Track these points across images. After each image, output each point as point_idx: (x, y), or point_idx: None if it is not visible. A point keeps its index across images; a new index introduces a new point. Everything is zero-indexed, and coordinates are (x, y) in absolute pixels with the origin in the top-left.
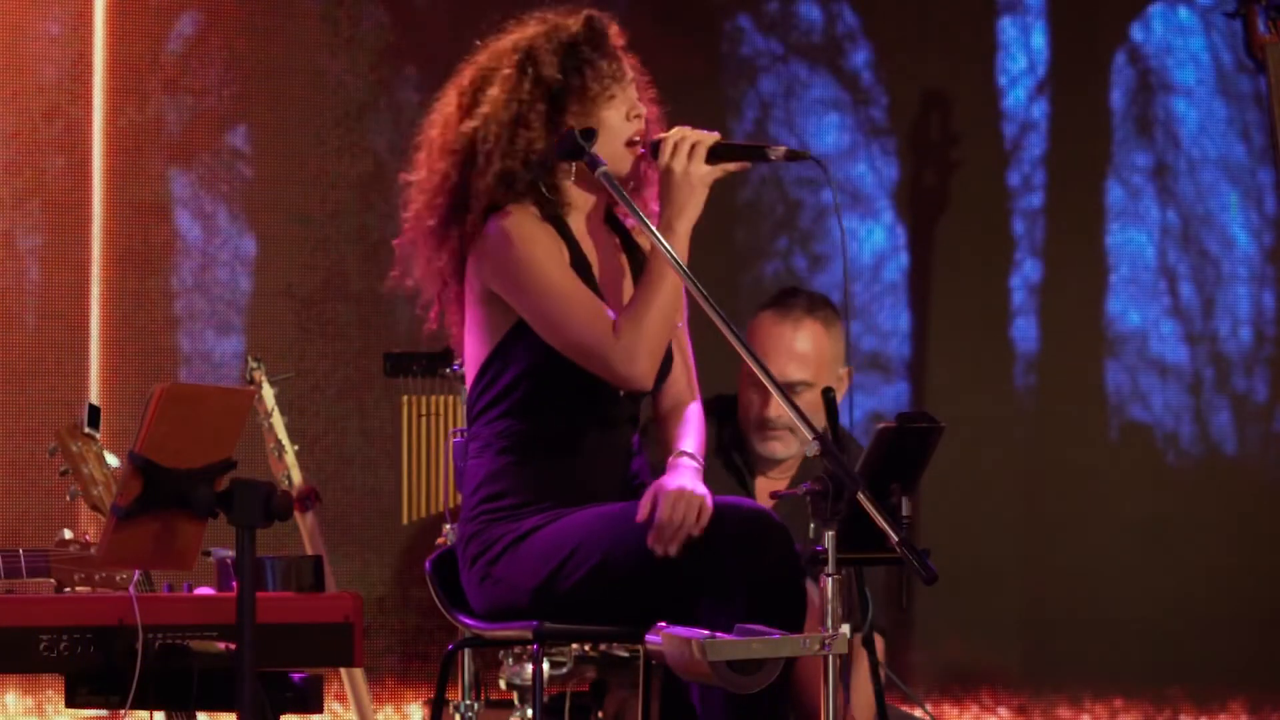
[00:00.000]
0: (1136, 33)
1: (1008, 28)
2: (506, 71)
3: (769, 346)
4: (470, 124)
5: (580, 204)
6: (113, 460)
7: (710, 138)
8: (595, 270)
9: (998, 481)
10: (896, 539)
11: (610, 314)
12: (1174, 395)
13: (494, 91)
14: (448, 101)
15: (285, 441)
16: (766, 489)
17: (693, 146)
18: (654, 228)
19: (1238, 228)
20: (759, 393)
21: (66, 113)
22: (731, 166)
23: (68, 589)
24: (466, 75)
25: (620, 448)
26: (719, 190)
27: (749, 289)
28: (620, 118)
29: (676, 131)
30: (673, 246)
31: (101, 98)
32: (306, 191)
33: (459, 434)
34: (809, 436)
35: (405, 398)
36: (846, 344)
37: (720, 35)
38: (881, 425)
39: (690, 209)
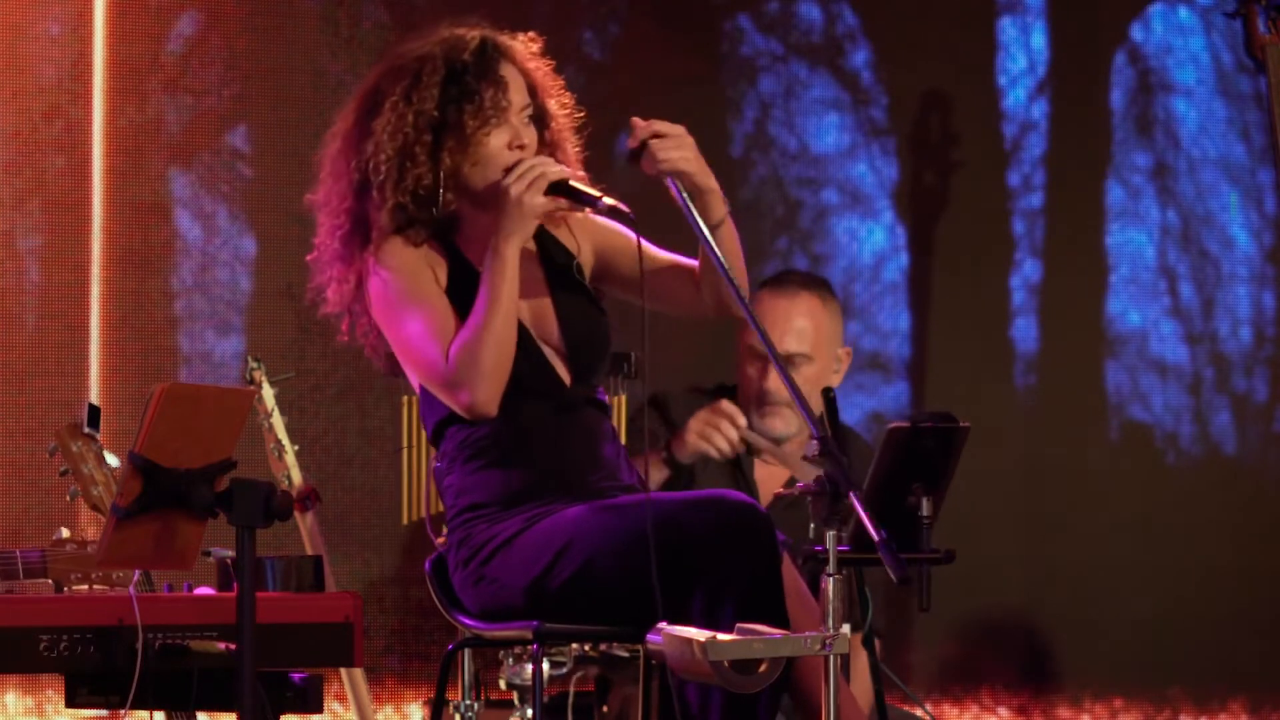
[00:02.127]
0: (1136, 33)
1: (1008, 28)
2: (394, 98)
3: (766, 321)
4: (364, 152)
5: (479, 220)
6: (113, 460)
7: (556, 174)
8: None
9: (998, 481)
10: (877, 539)
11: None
12: (1174, 395)
13: (381, 120)
14: (348, 114)
15: (285, 441)
16: (763, 475)
17: (536, 178)
18: (706, 230)
19: (1238, 228)
20: (757, 367)
21: (66, 113)
22: (563, 203)
23: (66, 589)
24: (366, 87)
25: (586, 430)
26: (720, 189)
27: (749, 289)
28: (501, 146)
29: (532, 160)
30: (499, 269)
31: (101, 98)
32: (307, 191)
33: (438, 458)
34: (811, 429)
35: (405, 398)
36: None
37: (720, 35)
38: (892, 425)
39: (518, 235)
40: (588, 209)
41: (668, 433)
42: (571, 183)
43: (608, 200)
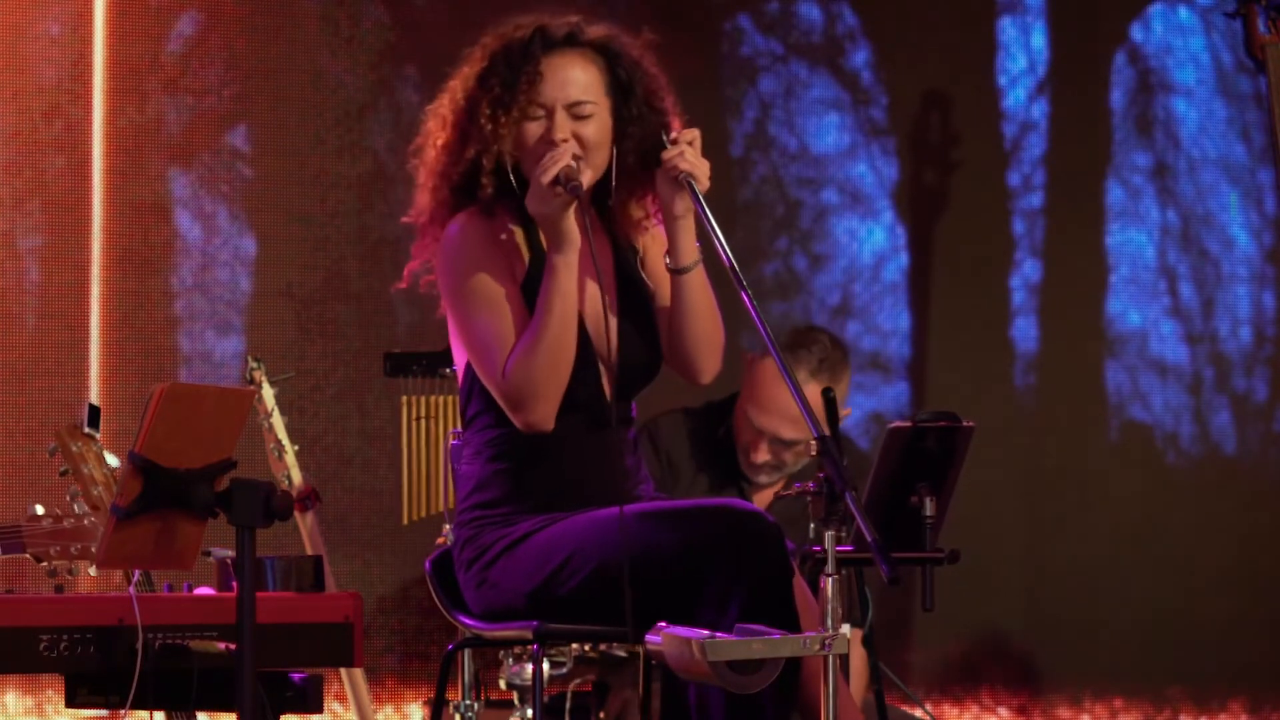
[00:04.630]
0: (1136, 33)
1: (1008, 28)
2: (446, 90)
3: (766, 399)
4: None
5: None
6: (113, 460)
7: (554, 168)
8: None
9: (998, 481)
10: (870, 539)
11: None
12: (1174, 395)
13: (433, 108)
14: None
15: (285, 441)
16: (760, 496)
17: (537, 185)
18: (722, 240)
19: (1238, 228)
20: (753, 438)
21: (66, 113)
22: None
23: (44, 563)
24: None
25: (612, 448)
26: (719, 190)
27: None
28: (534, 137)
29: (542, 163)
30: (554, 282)
31: (101, 98)
32: (306, 191)
33: (457, 435)
34: (813, 436)
35: (405, 398)
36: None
37: (720, 35)
38: (893, 425)
39: (559, 243)
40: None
41: (657, 462)
42: (567, 168)
43: (571, 183)
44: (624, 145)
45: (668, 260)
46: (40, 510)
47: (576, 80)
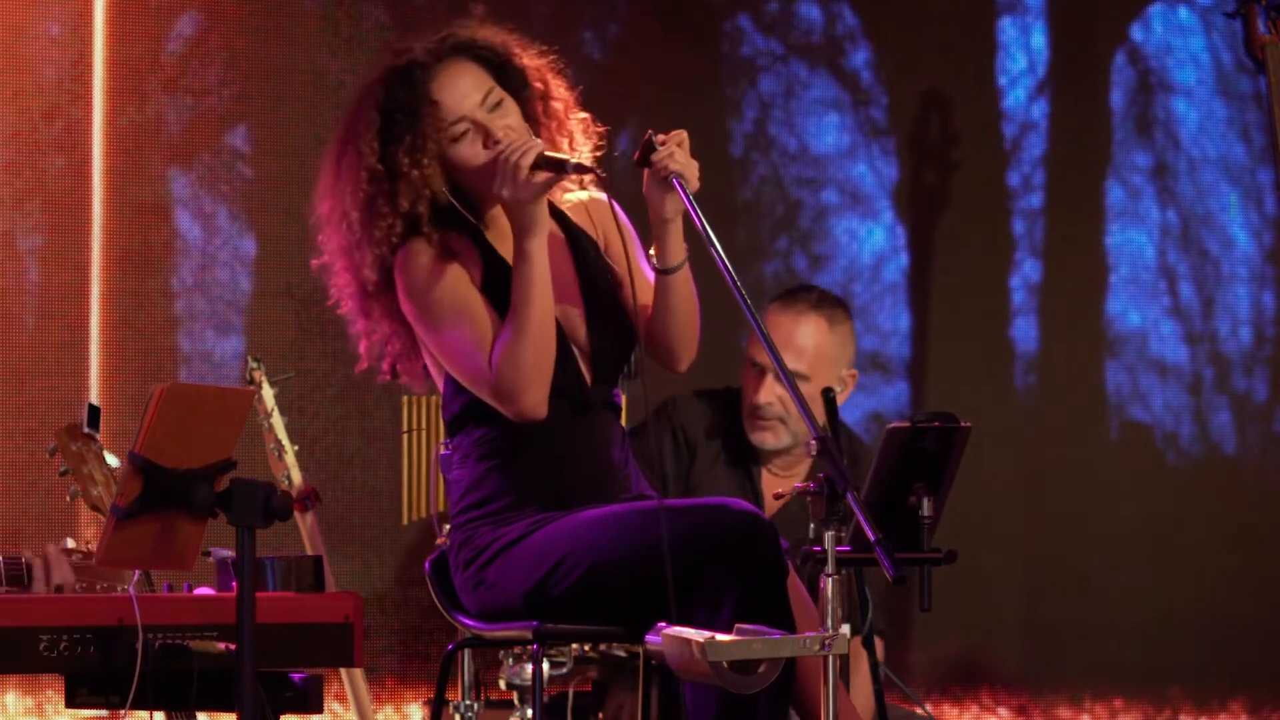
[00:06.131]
0: (1136, 33)
1: (1008, 28)
2: (347, 157)
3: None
4: (339, 212)
5: (498, 214)
6: (113, 460)
7: (531, 155)
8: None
9: (998, 481)
10: (873, 539)
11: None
12: (1174, 395)
13: (342, 182)
14: (327, 163)
15: (285, 441)
16: (770, 484)
17: (514, 168)
18: (715, 241)
19: (1238, 228)
20: (754, 380)
21: (66, 113)
22: (547, 175)
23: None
24: (335, 134)
25: (599, 434)
26: (718, 190)
27: (749, 289)
28: (476, 152)
29: (507, 150)
30: (527, 269)
31: (101, 98)
32: (306, 191)
33: (445, 446)
34: (811, 432)
35: (405, 398)
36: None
37: (720, 35)
38: (891, 425)
39: (532, 229)
40: (564, 175)
41: (674, 441)
42: (545, 153)
43: (574, 161)
44: (526, 110)
45: (654, 260)
46: (70, 544)
47: (469, 82)
